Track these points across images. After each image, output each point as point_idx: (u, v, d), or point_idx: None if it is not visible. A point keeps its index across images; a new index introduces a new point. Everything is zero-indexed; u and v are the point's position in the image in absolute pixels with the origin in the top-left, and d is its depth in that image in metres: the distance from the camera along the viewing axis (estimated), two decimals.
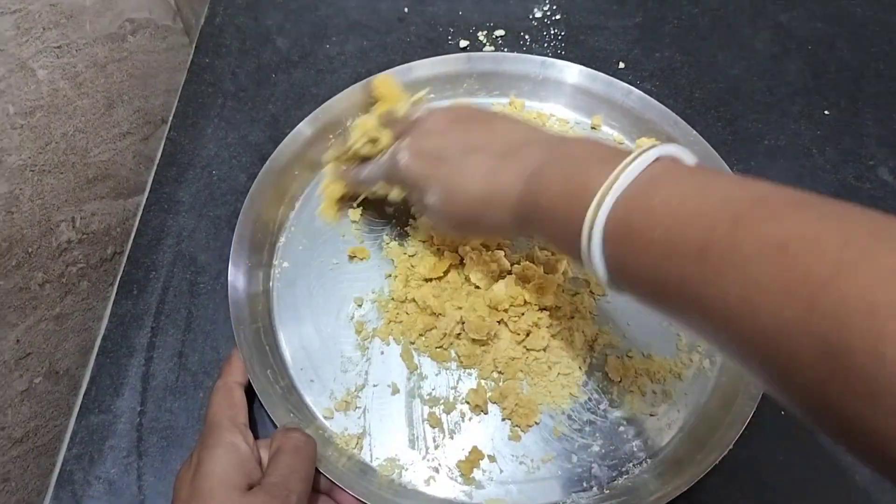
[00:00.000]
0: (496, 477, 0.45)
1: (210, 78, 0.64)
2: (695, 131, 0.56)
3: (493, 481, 0.45)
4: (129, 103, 0.67)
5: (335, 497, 0.43)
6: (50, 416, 0.59)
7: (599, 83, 0.60)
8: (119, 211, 0.67)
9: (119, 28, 0.65)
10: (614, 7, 0.69)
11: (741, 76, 0.64)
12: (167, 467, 0.46)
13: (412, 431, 0.46)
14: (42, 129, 0.55)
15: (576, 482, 0.44)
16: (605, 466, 0.45)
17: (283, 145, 0.56)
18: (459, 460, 0.45)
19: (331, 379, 0.48)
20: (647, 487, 0.43)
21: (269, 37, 0.67)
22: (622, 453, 0.45)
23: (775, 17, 0.68)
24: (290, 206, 0.56)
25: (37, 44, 0.54)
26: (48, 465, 0.59)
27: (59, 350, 0.60)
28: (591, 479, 0.45)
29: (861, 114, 0.62)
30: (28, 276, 0.55)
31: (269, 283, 0.52)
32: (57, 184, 0.58)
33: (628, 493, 0.43)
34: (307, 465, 0.39)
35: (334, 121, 0.58)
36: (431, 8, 0.68)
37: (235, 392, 0.43)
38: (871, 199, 0.56)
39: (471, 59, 0.61)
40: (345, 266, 0.53)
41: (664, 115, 0.57)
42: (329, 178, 0.54)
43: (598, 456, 0.45)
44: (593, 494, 0.44)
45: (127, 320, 0.51)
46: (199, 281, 0.53)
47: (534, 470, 0.45)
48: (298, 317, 0.51)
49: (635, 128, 0.59)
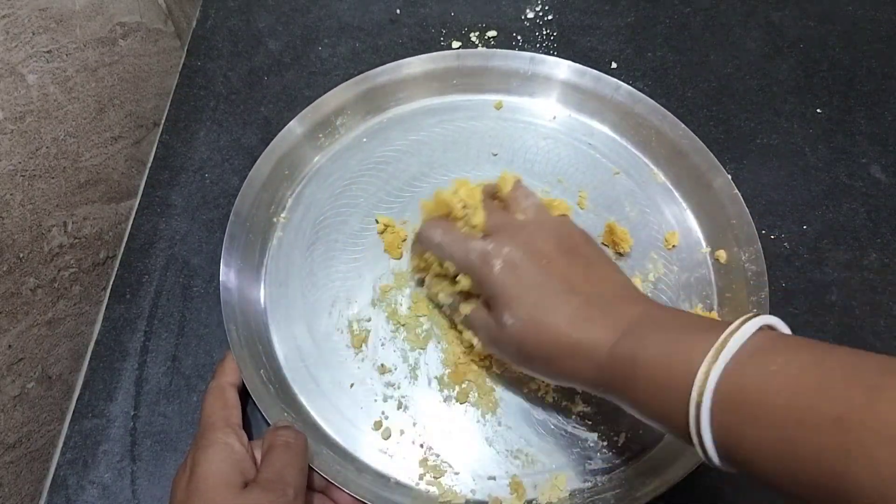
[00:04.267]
0: (490, 472, 0.45)
1: (202, 81, 0.64)
2: (683, 124, 0.56)
3: (487, 476, 0.45)
4: (121, 107, 0.67)
5: (330, 495, 0.43)
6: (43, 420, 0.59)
7: (588, 78, 0.60)
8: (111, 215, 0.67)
9: (110, 32, 0.64)
10: (606, 7, 0.69)
11: (733, 75, 0.64)
12: (161, 471, 0.45)
13: (405, 428, 0.47)
14: (32, 133, 0.55)
15: (571, 475, 0.45)
16: (599, 459, 0.45)
17: (274, 144, 0.56)
18: (454, 454, 0.45)
19: (324, 378, 0.48)
20: (642, 479, 0.44)
21: (261, 39, 0.67)
22: (617, 446, 0.46)
23: (767, 16, 0.68)
24: (281, 205, 0.56)
25: (26, 48, 0.53)
26: (42, 470, 0.59)
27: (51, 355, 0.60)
28: (586, 472, 0.45)
29: (853, 112, 0.62)
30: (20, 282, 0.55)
31: (260, 284, 0.52)
32: (48, 188, 0.57)
33: (622, 486, 0.44)
34: (300, 459, 0.39)
35: (324, 120, 0.58)
36: (423, 9, 0.68)
37: (229, 393, 0.43)
38: (863, 197, 0.56)
39: (460, 56, 0.61)
40: (337, 265, 0.53)
41: (653, 110, 0.58)
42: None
43: (593, 449, 0.46)
44: (588, 487, 0.44)
45: (120, 324, 0.51)
46: (192, 284, 0.53)
47: (529, 464, 0.45)
48: (291, 317, 0.51)
49: (624, 122, 0.59)
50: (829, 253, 0.54)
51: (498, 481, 0.45)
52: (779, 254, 0.54)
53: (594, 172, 0.57)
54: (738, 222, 0.52)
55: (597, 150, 0.59)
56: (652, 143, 0.58)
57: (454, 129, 0.60)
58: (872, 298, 0.52)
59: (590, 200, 0.56)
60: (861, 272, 0.53)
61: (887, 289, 0.53)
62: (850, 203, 0.56)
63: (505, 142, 0.59)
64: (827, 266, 0.54)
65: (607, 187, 0.57)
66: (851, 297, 0.52)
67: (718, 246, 0.53)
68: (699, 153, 0.55)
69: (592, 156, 0.58)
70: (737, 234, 0.52)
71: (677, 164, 0.57)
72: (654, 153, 0.58)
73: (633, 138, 0.59)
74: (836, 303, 0.52)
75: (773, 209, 0.56)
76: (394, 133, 0.60)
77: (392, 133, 0.60)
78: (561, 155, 0.58)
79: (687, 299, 0.52)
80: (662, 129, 0.57)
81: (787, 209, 0.56)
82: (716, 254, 0.53)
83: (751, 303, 0.49)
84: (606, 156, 0.58)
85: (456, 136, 0.59)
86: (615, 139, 0.59)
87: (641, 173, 0.58)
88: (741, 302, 0.49)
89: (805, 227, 0.55)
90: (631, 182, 0.57)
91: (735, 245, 0.52)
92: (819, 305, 0.52)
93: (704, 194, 0.55)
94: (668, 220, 0.55)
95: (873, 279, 0.53)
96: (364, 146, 0.59)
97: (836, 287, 0.53)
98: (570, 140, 0.59)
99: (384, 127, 0.60)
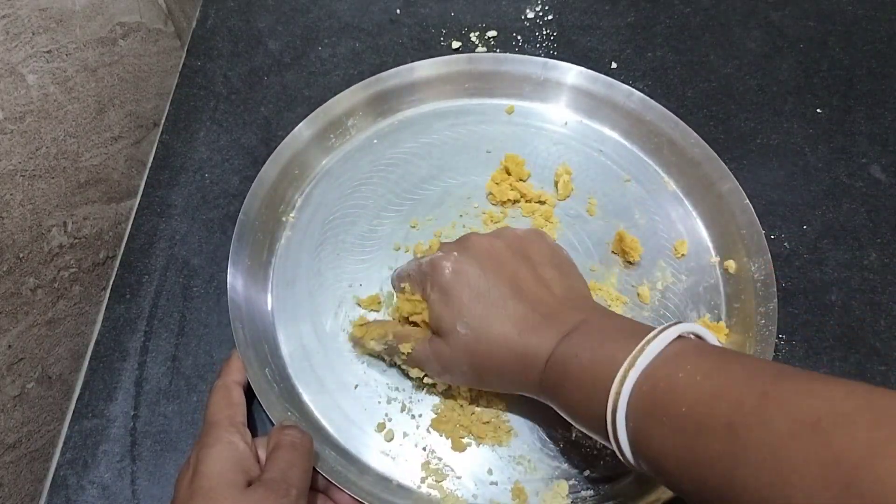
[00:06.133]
0: (492, 477, 0.45)
1: (202, 81, 0.64)
2: (696, 133, 0.56)
3: (489, 482, 0.45)
4: (121, 107, 0.67)
5: (332, 496, 0.43)
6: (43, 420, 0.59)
7: (600, 85, 0.60)
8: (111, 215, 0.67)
9: (110, 32, 0.64)
10: (606, 7, 0.69)
11: (733, 75, 0.64)
12: (161, 471, 0.45)
13: (408, 431, 0.46)
14: (32, 133, 0.55)
15: (574, 483, 0.44)
16: (602, 467, 0.45)
17: (284, 144, 0.56)
18: (456, 458, 0.45)
19: (329, 378, 0.48)
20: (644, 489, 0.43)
21: (261, 39, 0.67)
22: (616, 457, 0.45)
23: (767, 15, 0.68)
24: (291, 204, 0.56)
25: (26, 49, 0.53)
26: (42, 470, 0.59)
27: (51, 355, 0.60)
28: (588, 480, 0.45)
29: (853, 112, 0.62)
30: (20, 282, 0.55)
31: (268, 283, 0.52)
32: (48, 188, 0.57)
33: (624, 494, 0.44)
34: (305, 460, 0.39)
35: (335, 120, 0.58)
36: (423, 9, 0.68)
37: (234, 391, 0.43)
38: (863, 196, 0.56)
39: (472, 59, 0.61)
40: (344, 266, 0.53)
41: (665, 118, 0.58)
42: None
43: (596, 458, 0.45)
44: (590, 495, 0.44)
45: (120, 324, 0.51)
46: (193, 284, 0.53)
47: (531, 470, 0.45)
48: (297, 316, 0.51)
49: (636, 129, 0.59)
50: (829, 253, 0.54)
51: (500, 487, 0.44)
52: (779, 254, 0.54)
53: (605, 179, 0.57)
54: (748, 232, 0.52)
55: (608, 157, 0.58)
56: (663, 150, 0.58)
57: (465, 133, 0.60)
58: (872, 298, 0.52)
59: (599, 207, 0.56)
60: (861, 272, 0.53)
61: (887, 289, 0.53)
62: (850, 203, 0.56)
63: (516, 146, 0.58)
64: (827, 266, 0.54)
65: (617, 194, 0.56)
66: (851, 297, 0.52)
67: (728, 255, 0.52)
68: (710, 162, 0.55)
69: (603, 162, 0.58)
70: (747, 245, 0.52)
71: (688, 172, 0.56)
72: (665, 161, 0.58)
73: (644, 146, 0.59)
74: (836, 303, 0.52)
75: (773, 209, 0.56)
76: (404, 135, 0.60)
77: (403, 135, 0.60)
78: (572, 161, 0.58)
79: (695, 308, 0.51)
80: (674, 138, 0.57)
81: (787, 209, 0.56)
82: (725, 263, 0.52)
83: (759, 313, 0.48)
84: (617, 163, 0.58)
85: (466, 139, 0.59)
86: (626, 146, 0.59)
87: (652, 181, 0.57)
88: (749, 312, 0.49)
89: (805, 227, 0.55)
90: (641, 189, 0.57)
91: (745, 255, 0.51)
92: (819, 305, 0.52)
93: (714, 203, 0.54)
94: (678, 228, 0.55)
95: (873, 279, 0.53)
96: (374, 148, 0.59)
97: (836, 287, 0.53)
98: (581, 146, 0.59)
99: (395, 129, 0.60)
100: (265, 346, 0.49)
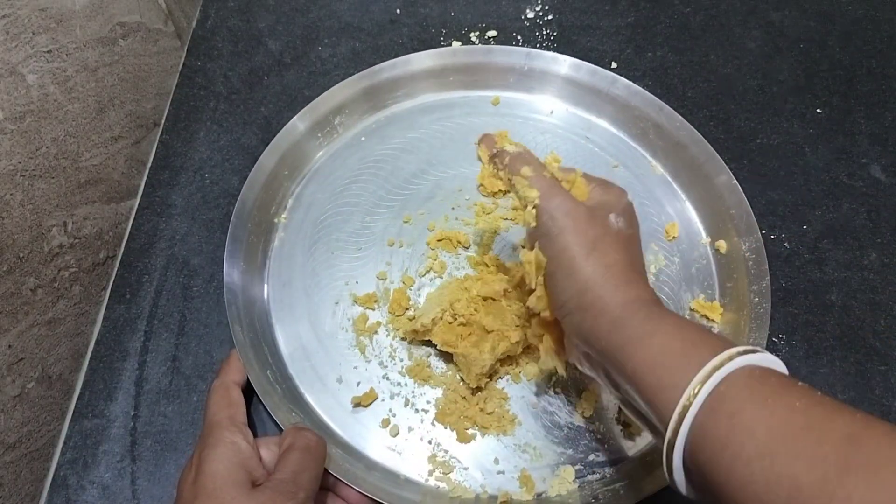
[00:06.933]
0: (498, 466, 0.45)
1: (202, 81, 0.64)
2: (680, 116, 0.57)
3: (496, 471, 0.45)
4: (121, 107, 0.67)
5: (339, 492, 0.43)
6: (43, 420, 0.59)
7: (584, 73, 0.60)
8: (111, 215, 0.67)
9: (110, 32, 0.64)
10: (606, 7, 0.69)
11: (733, 75, 0.64)
12: (161, 471, 0.45)
13: (413, 425, 0.47)
14: (32, 133, 0.55)
15: (580, 467, 0.45)
16: (607, 451, 0.46)
17: (273, 145, 0.56)
18: (462, 450, 0.45)
19: (330, 377, 0.49)
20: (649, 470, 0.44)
21: (261, 39, 0.67)
22: (623, 438, 0.46)
23: (767, 15, 0.68)
24: (282, 205, 0.56)
25: (26, 48, 0.53)
26: (42, 470, 0.59)
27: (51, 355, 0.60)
28: (594, 464, 0.45)
29: (853, 112, 0.62)
30: (20, 282, 0.55)
31: (264, 285, 0.52)
32: (48, 188, 0.57)
33: (629, 476, 0.44)
34: (317, 465, 0.39)
35: (322, 119, 0.58)
36: (423, 9, 0.68)
37: (233, 391, 0.43)
38: (863, 196, 0.56)
39: (456, 52, 0.61)
40: (339, 264, 0.53)
41: (650, 103, 0.58)
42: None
43: (601, 441, 0.46)
44: (597, 478, 0.45)
45: (120, 324, 0.51)
46: (193, 284, 0.53)
47: (537, 458, 0.45)
48: (295, 317, 0.51)
49: (622, 115, 0.59)
50: (829, 253, 0.54)
51: (507, 475, 0.45)
52: (779, 254, 0.54)
53: (593, 166, 0.57)
54: (738, 212, 0.52)
55: (595, 144, 0.59)
56: (650, 135, 0.58)
57: (452, 126, 0.60)
58: (872, 298, 0.52)
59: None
60: (861, 272, 0.53)
61: (887, 289, 0.53)
62: (850, 203, 0.56)
63: None
64: (827, 266, 0.54)
65: None
66: (851, 297, 0.52)
67: (718, 236, 0.53)
68: (697, 144, 0.56)
69: (591, 149, 0.59)
70: (737, 225, 0.52)
71: (675, 155, 0.57)
72: (651, 145, 0.58)
73: (630, 131, 0.59)
74: (836, 303, 0.52)
75: (773, 209, 0.56)
76: (392, 131, 0.60)
77: (390, 131, 0.60)
78: (559, 149, 0.58)
79: (689, 290, 0.52)
80: (660, 122, 0.57)
81: (787, 209, 0.56)
82: (716, 244, 0.53)
83: (752, 291, 0.49)
84: (605, 149, 0.59)
85: (454, 132, 0.60)
86: (613, 132, 0.60)
87: (640, 166, 0.58)
88: (742, 291, 0.50)
89: (805, 227, 0.55)
90: (630, 175, 0.57)
91: (735, 235, 0.52)
92: (819, 305, 0.52)
93: (703, 185, 0.55)
94: (668, 211, 0.55)
95: (873, 279, 0.53)
96: (363, 145, 0.59)
97: (836, 287, 0.53)
98: (568, 134, 0.59)
99: (382, 125, 0.60)
100: (265, 348, 0.49)
